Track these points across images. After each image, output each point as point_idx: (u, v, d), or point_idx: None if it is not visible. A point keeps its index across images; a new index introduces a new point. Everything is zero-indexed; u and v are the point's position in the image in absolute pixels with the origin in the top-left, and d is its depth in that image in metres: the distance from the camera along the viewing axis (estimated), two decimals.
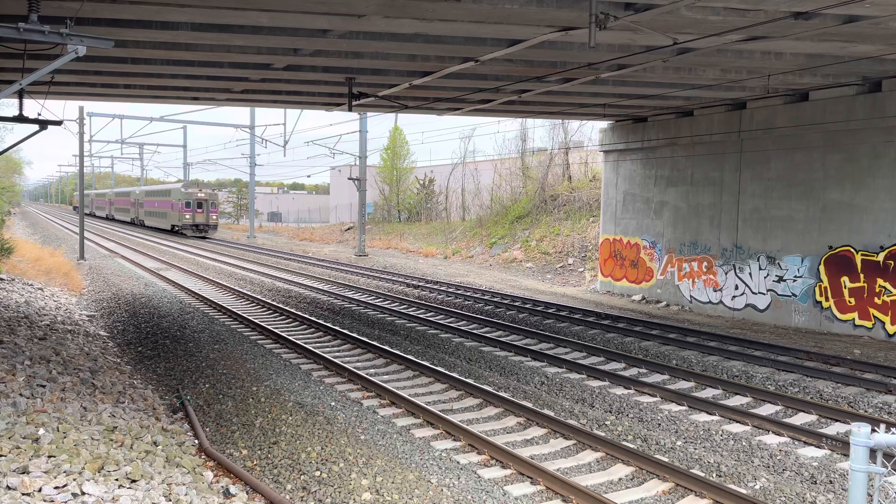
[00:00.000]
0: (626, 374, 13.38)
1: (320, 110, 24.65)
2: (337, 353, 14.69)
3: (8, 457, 6.86)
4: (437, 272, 32.52)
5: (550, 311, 20.37)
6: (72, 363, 11.97)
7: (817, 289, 18.55)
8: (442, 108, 22.51)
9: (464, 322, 18.45)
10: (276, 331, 16.38)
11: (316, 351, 14.33)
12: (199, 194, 58.68)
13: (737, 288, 20.75)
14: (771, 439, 9.80)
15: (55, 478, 6.54)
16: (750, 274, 20.38)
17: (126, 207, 79.83)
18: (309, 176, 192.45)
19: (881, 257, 17.07)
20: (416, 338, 16.40)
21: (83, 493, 6.38)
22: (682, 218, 22.74)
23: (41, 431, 7.75)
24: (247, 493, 7.66)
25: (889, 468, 3.92)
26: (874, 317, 17.26)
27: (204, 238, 57.21)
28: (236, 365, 13.54)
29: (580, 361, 14.14)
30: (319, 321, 17.67)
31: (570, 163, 42.60)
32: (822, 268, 18.45)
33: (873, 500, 3.95)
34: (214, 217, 60.13)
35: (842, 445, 9.24)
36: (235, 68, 16.60)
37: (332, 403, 11.08)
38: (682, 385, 12.72)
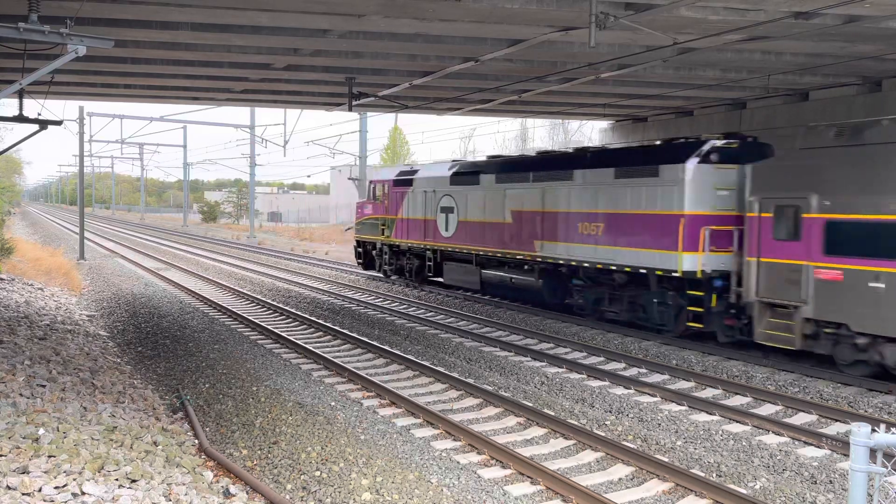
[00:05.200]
0: (627, 373, 13.37)
1: (320, 110, 24.66)
2: (337, 353, 14.68)
3: (8, 457, 6.86)
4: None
5: None
6: (72, 363, 11.97)
7: None
8: (442, 108, 22.51)
9: (464, 322, 18.44)
10: (276, 331, 16.38)
11: (316, 351, 14.34)
12: None
13: None
14: (771, 439, 9.80)
15: (55, 478, 6.54)
16: None
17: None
18: (309, 176, 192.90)
19: None
20: (416, 338, 16.40)
21: (83, 493, 6.38)
22: None
23: (41, 431, 7.75)
24: (247, 493, 7.66)
25: (889, 468, 3.92)
26: None
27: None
28: (236, 365, 13.54)
29: (580, 361, 14.14)
30: (319, 321, 17.67)
31: None
32: None
33: (873, 500, 3.95)
34: None
35: (842, 445, 9.23)
36: (235, 68, 16.61)
37: (332, 403, 11.08)
38: (682, 385, 12.71)
